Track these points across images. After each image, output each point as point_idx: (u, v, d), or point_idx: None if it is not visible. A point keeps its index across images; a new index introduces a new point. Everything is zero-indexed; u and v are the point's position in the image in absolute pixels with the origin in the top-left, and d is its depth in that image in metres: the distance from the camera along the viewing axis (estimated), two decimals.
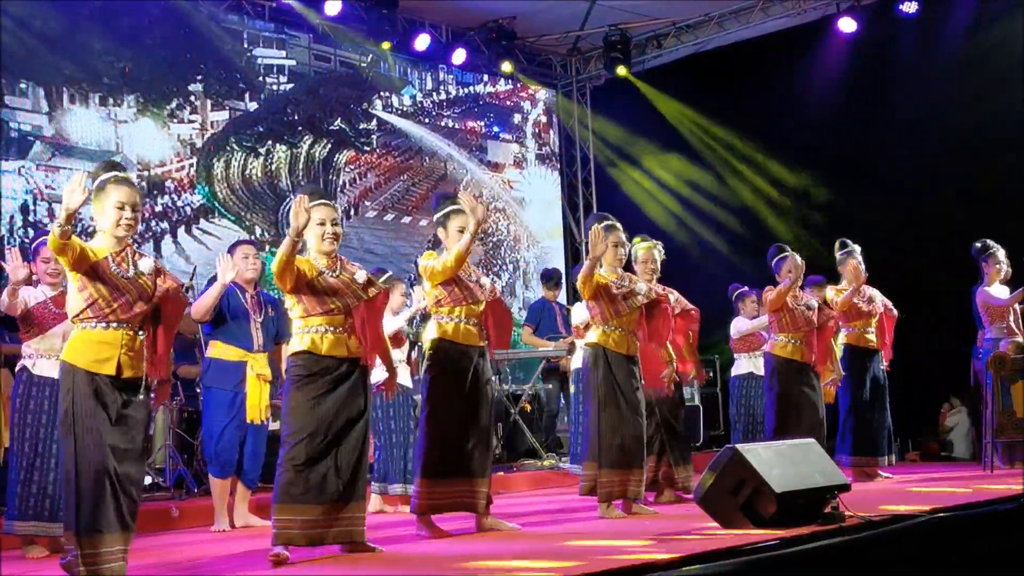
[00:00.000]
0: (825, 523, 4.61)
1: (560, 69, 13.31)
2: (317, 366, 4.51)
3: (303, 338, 4.55)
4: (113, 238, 4.06)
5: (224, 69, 10.32)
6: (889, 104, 10.71)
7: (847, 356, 7.59)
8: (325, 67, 11.27)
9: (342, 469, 4.48)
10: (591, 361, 5.68)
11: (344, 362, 4.56)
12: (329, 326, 4.54)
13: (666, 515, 5.73)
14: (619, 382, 5.58)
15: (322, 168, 11.08)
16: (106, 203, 4.04)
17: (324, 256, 4.64)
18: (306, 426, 4.45)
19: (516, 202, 12.98)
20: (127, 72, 9.56)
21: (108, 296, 3.96)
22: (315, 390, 4.49)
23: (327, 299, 4.54)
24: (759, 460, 4.75)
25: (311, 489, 4.42)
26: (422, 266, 5.26)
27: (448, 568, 4.18)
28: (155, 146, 9.71)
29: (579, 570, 3.69)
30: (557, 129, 13.54)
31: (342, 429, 4.50)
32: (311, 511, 4.41)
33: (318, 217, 4.59)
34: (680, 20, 12.06)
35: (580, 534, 5.08)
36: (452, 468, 5.12)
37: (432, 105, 12.26)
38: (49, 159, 8.92)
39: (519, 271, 12.79)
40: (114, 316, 3.97)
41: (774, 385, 7.11)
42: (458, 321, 5.21)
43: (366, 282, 4.65)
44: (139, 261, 4.10)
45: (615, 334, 5.64)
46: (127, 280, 4.00)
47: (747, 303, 8.64)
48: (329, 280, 4.57)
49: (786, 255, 7.11)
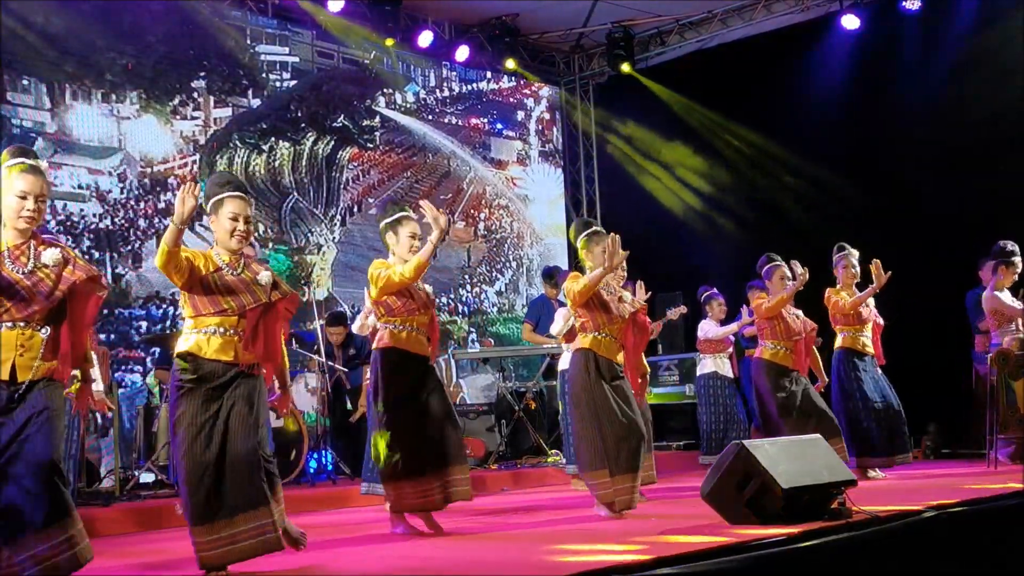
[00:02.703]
0: (832, 519, 4.60)
1: (563, 66, 13.30)
2: (200, 371, 4.07)
3: (188, 338, 4.14)
4: (14, 230, 3.76)
5: (227, 66, 10.32)
6: (892, 101, 10.69)
7: (841, 360, 7.57)
8: (328, 64, 11.26)
9: (233, 483, 4.03)
10: (578, 365, 5.58)
11: (230, 368, 4.11)
12: (219, 327, 4.12)
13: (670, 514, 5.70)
14: (611, 386, 5.55)
15: (325, 165, 11.07)
16: (7, 192, 3.76)
17: (228, 253, 4.22)
18: (192, 438, 4.03)
19: (519, 199, 12.97)
20: (130, 69, 9.55)
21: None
22: (199, 397, 4.06)
23: (220, 298, 4.12)
24: (765, 456, 4.74)
25: (210, 510, 4.01)
26: (374, 274, 5.12)
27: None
28: (158, 143, 9.70)
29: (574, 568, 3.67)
30: (560, 126, 13.54)
31: (230, 441, 4.05)
32: (219, 528, 4.01)
33: (231, 210, 4.19)
34: (683, 17, 12.05)
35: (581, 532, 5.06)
36: (417, 468, 5.11)
37: (435, 102, 12.25)
38: (52, 156, 8.90)
39: (522, 268, 12.78)
40: (8, 316, 3.65)
41: (769, 388, 7.11)
42: (411, 330, 5.20)
43: (270, 284, 4.22)
44: (43, 252, 3.76)
45: (606, 341, 5.61)
46: (22, 276, 3.68)
47: (714, 305, 8.77)
48: (227, 278, 4.15)
49: (777, 263, 7.20)
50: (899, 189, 10.29)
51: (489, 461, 9.11)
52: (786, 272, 7.18)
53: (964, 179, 9.84)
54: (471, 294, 12.17)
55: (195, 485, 4.00)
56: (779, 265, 7.20)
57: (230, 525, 3.99)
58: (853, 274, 7.57)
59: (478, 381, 11.70)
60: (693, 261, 11.52)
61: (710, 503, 4.95)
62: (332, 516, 6.69)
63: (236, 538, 3.99)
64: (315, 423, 8.45)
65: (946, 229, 9.64)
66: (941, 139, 10.10)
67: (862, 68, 10.98)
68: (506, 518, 5.98)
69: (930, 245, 9.72)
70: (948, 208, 9.81)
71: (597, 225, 5.91)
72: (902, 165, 10.38)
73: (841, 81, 11.09)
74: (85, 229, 9.08)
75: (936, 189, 10.01)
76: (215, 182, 4.31)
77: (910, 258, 9.04)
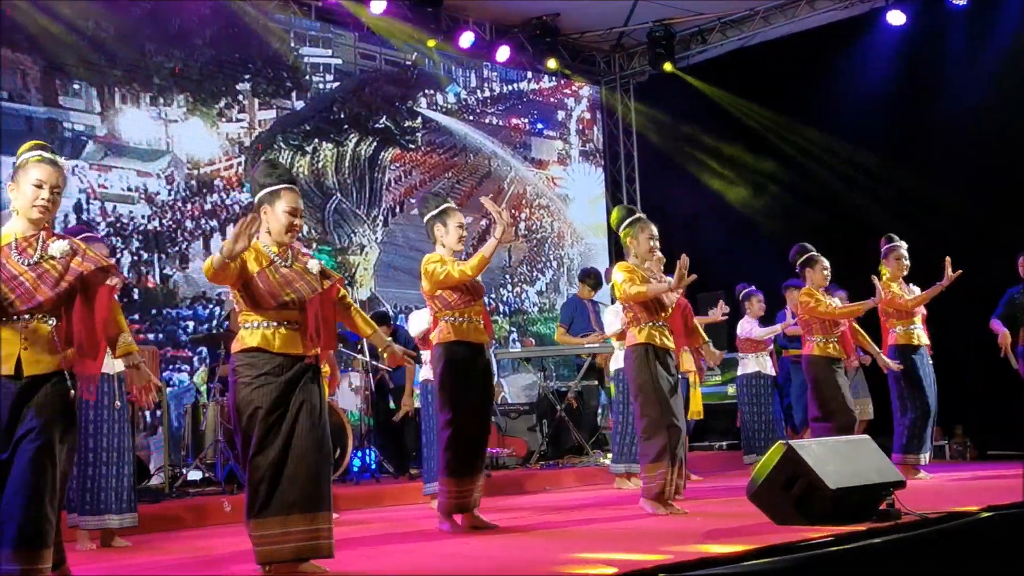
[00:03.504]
0: (880, 520, 4.57)
1: (604, 65, 13.28)
2: (269, 364, 4.02)
3: (253, 333, 4.06)
4: (26, 220, 3.69)
5: (271, 68, 10.42)
6: (939, 98, 10.57)
7: (897, 357, 7.50)
8: (370, 65, 11.34)
9: (302, 477, 3.98)
10: (640, 360, 5.57)
11: (297, 361, 4.09)
12: (284, 321, 4.07)
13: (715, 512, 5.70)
14: (670, 378, 5.57)
15: (367, 166, 11.15)
16: (24, 181, 3.69)
17: (277, 245, 4.17)
18: (264, 433, 3.98)
19: (560, 199, 12.98)
20: (177, 72, 9.68)
21: (2, 287, 3.56)
22: (262, 396, 3.99)
23: (280, 291, 4.07)
24: (813, 456, 4.71)
25: (272, 503, 3.96)
26: (428, 269, 5.14)
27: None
28: (204, 145, 9.82)
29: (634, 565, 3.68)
30: (601, 125, 13.53)
31: (298, 438, 4.00)
32: (278, 524, 3.96)
33: (288, 204, 4.15)
34: (725, 15, 12.00)
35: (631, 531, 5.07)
36: (474, 466, 5.16)
37: (476, 102, 12.30)
38: (102, 159, 9.06)
39: (563, 268, 12.79)
40: (12, 308, 3.55)
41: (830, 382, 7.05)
42: (469, 320, 5.23)
43: (320, 272, 4.23)
44: (51, 244, 3.68)
45: (660, 331, 5.61)
46: (26, 267, 3.60)
47: (754, 303, 8.70)
48: (282, 270, 4.12)
49: (813, 254, 7.10)
50: (944, 184, 10.17)
51: (531, 461, 9.12)
52: (826, 264, 7.10)
53: (1010, 175, 9.72)
54: (512, 294, 12.20)
55: (261, 479, 3.95)
56: (816, 257, 7.11)
57: (284, 523, 3.94)
58: (904, 265, 7.52)
59: (519, 381, 11.71)
60: (734, 259, 11.46)
61: (756, 503, 4.93)
62: (375, 514, 6.75)
63: (287, 538, 3.95)
64: (359, 422, 8.53)
65: (991, 225, 9.53)
66: (988, 134, 9.98)
67: (908, 64, 10.87)
68: (554, 516, 5.99)
69: (974, 240, 9.61)
70: (995, 205, 9.69)
71: (638, 211, 5.88)
72: (948, 160, 10.27)
73: (886, 77, 10.97)
74: (134, 231, 9.21)
75: (982, 184, 9.89)
76: (268, 172, 4.23)
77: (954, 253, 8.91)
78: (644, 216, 5.77)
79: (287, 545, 3.96)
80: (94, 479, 5.21)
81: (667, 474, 5.45)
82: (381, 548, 4.82)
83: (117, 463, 5.28)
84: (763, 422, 8.58)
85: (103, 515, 5.22)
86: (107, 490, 5.23)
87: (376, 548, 4.80)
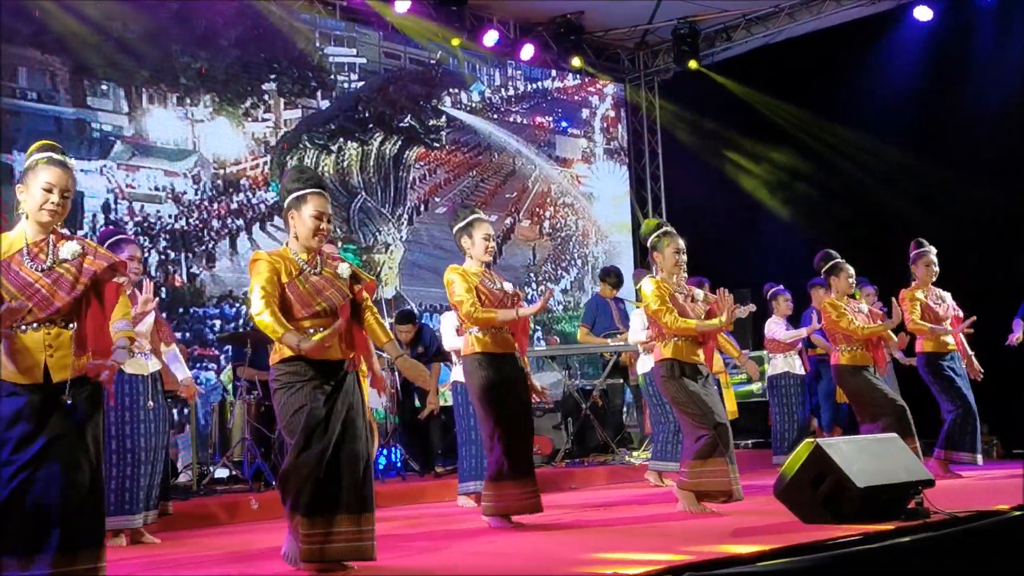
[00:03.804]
0: (909, 519, 4.54)
1: (628, 63, 13.26)
2: (310, 371, 4.00)
3: None
4: (36, 224, 3.63)
5: (297, 68, 10.48)
6: (966, 94, 10.50)
7: (927, 364, 7.43)
8: (395, 64, 11.38)
9: (346, 479, 3.98)
10: (667, 375, 5.55)
11: (336, 366, 4.07)
12: (317, 329, 4.03)
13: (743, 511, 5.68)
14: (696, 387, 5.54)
15: (392, 165, 11.18)
16: (33, 184, 3.62)
17: (306, 251, 4.14)
18: (308, 434, 3.97)
19: (584, 197, 12.97)
20: (203, 72, 9.75)
21: (19, 296, 3.49)
22: (307, 397, 3.98)
23: (312, 300, 4.04)
24: (840, 455, 4.69)
25: (319, 502, 3.94)
26: (448, 284, 5.19)
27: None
28: (230, 144, 9.88)
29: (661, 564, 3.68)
30: (625, 123, 13.50)
31: (346, 441, 4.00)
32: (324, 524, 3.94)
33: (315, 208, 4.11)
34: (750, 12, 11.95)
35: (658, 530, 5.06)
36: (515, 471, 5.17)
37: (500, 101, 12.31)
38: (129, 159, 9.14)
39: (587, 266, 12.78)
40: (32, 316, 3.50)
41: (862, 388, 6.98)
42: (495, 331, 5.24)
43: (351, 276, 4.19)
44: (61, 248, 3.62)
45: (686, 345, 5.58)
46: (41, 274, 3.54)
47: (781, 302, 8.64)
48: (311, 279, 4.08)
49: (838, 261, 7.01)
50: (971, 180, 10.09)
51: (556, 459, 9.13)
52: (851, 271, 7.03)
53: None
54: (536, 292, 12.20)
55: (305, 480, 3.92)
56: (841, 264, 7.04)
57: (328, 523, 3.92)
58: (933, 272, 7.41)
59: (544, 379, 11.68)
60: (760, 257, 11.41)
61: (784, 501, 4.91)
62: (399, 511, 6.77)
63: (334, 538, 3.93)
64: (384, 420, 8.55)
65: (1018, 221, 9.45)
66: (1015, 130, 9.90)
67: (935, 60, 10.79)
68: (581, 514, 6.00)
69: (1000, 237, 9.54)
70: (1021, 200, 9.60)
71: (667, 224, 5.87)
72: (974, 156, 10.19)
73: (913, 73, 10.91)
74: (161, 230, 9.29)
75: (1009, 181, 9.81)
76: (295, 178, 4.21)
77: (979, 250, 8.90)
78: (671, 229, 5.73)
79: (333, 546, 3.93)
80: (132, 479, 5.25)
81: (715, 472, 5.42)
82: (404, 545, 4.83)
83: (154, 462, 5.33)
84: (792, 422, 8.54)
85: (134, 515, 5.26)
86: (137, 490, 5.27)
87: (400, 545, 4.82)
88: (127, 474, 5.24)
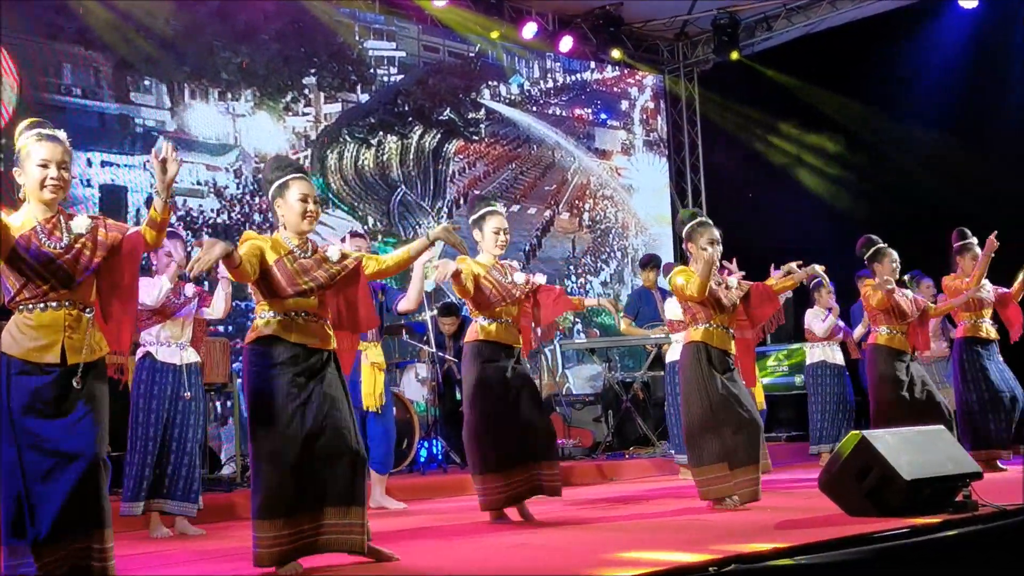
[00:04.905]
0: (957, 512, 4.48)
1: (667, 54, 13.19)
2: (285, 355, 3.88)
3: (269, 323, 3.92)
4: (40, 204, 3.51)
5: (336, 62, 10.53)
6: (1011, 83, 10.34)
7: (962, 349, 7.35)
8: (434, 58, 11.39)
9: (330, 472, 3.86)
10: (692, 359, 5.53)
11: (315, 353, 3.95)
12: (301, 311, 3.94)
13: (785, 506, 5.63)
14: (722, 378, 5.49)
15: (432, 158, 11.20)
16: (28, 163, 3.50)
17: (297, 236, 4.05)
18: (284, 426, 3.83)
19: (624, 189, 12.92)
20: (244, 67, 9.82)
21: (43, 273, 3.43)
22: (287, 383, 3.86)
23: (298, 279, 3.93)
24: (886, 447, 4.63)
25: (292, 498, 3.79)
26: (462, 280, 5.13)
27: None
28: (271, 139, 9.95)
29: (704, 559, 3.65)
30: (665, 115, 13.44)
31: (326, 432, 3.87)
32: (293, 524, 3.79)
33: (300, 191, 4.02)
34: (791, 2, 11.84)
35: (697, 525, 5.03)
36: (505, 462, 5.15)
37: (540, 93, 12.29)
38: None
39: (627, 258, 12.74)
40: (54, 295, 3.44)
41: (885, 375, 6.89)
42: (500, 322, 5.25)
43: (340, 257, 4.09)
44: (73, 224, 3.52)
45: (719, 332, 5.56)
46: (61, 250, 3.45)
47: (822, 293, 8.55)
48: (300, 260, 3.98)
49: (882, 247, 6.92)
50: (1017, 169, 9.93)
51: (597, 451, 9.11)
52: (895, 256, 6.94)
53: None
54: (576, 285, 12.18)
55: (281, 476, 3.79)
56: (884, 249, 6.94)
57: (314, 518, 3.82)
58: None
59: (584, 372, 11.71)
60: (803, 246, 11.28)
61: (828, 494, 4.86)
62: (441, 504, 6.78)
63: (322, 531, 3.84)
64: (425, 412, 8.58)
65: None
66: None
67: (979, 49, 10.64)
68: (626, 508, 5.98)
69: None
70: None
71: (703, 214, 5.83)
72: (1019, 146, 10.03)
73: (957, 62, 10.76)
74: (203, 224, 9.37)
75: None
76: (275, 167, 4.13)
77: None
78: (707, 220, 5.69)
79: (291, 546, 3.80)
80: (174, 467, 5.31)
81: (732, 475, 5.37)
82: (421, 542, 4.76)
83: (177, 452, 5.36)
84: (828, 412, 8.47)
85: (164, 500, 5.32)
86: (175, 479, 5.32)
87: (418, 541, 4.77)
88: (161, 463, 5.28)
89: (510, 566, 3.94)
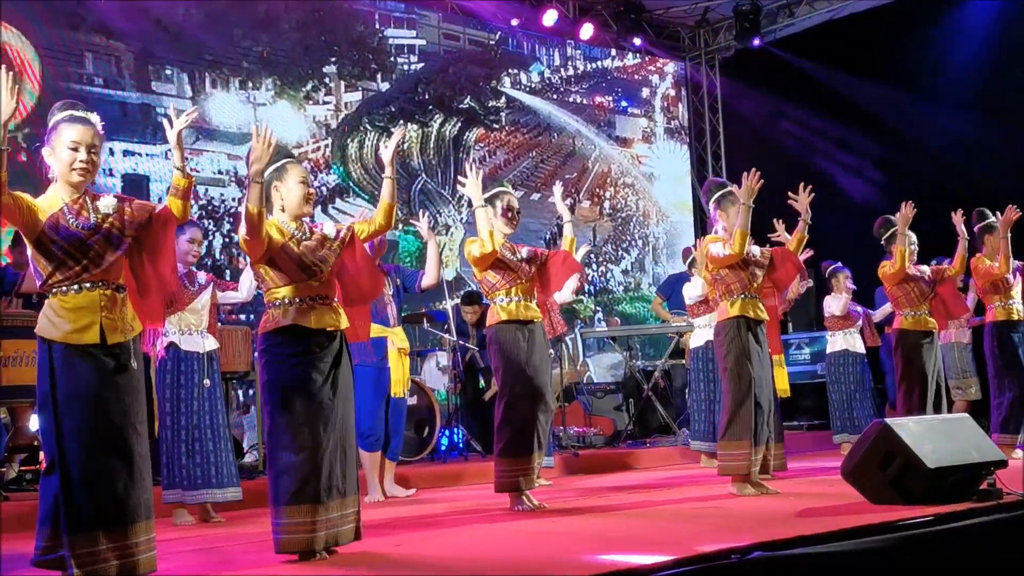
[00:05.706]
0: (981, 500, 4.44)
1: (688, 41, 13.12)
2: (304, 343, 3.89)
3: (287, 311, 3.91)
4: (68, 185, 3.52)
5: (357, 51, 10.53)
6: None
7: (993, 334, 7.27)
8: (454, 46, 11.37)
9: (341, 460, 3.91)
10: (732, 333, 5.48)
11: (330, 336, 3.97)
12: (314, 296, 3.95)
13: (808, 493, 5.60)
14: (761, 352, 5.49)
15: (452, 146, 11.19)
16: (58, 145, 3.52)
17: (293, 220, 4.06)
18: (304, 415, 3.85)
19: (645, 177, 12.87)
20: (264, 56, 9.84)
21: (75, 253, 3.43)
22: (308, 371, 3.88)
23: (307, 261, 3.95)
24: (910, 434, 4.60)
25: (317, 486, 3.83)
26: (471, 252, 5.20)
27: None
28: (292, 128, 9.97)
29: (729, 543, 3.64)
30: (686, 102, 13.37)
31: (339, 421, 3.92)
32: (319, 511, 3.82)
33: (298, 176, 4.09)
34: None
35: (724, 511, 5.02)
36: (530, 445, 5.14)
37: (560, 81, 12.25)
38: (193, 143, 9.25)
39: (648, 246, 12.70)
40: (87, 275, 3.44)
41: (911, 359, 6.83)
42: (518, 300, 5.25)
43: (336, 232, 4.10)
44: (99, 204, 3.54)
45: (752, 302, 5.53)
46: (90, 231, 3.46)
47: (840, 279, 8.50)
48: (304, 242, 3.99)
49: (895, 228, 6.86)
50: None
51: (618, 440, 9.10)
52: (912, 237, 6.86)
53: None
54: (597, 273, 12.16)
55: (304, 464, 3.81)
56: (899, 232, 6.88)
57: (327, 509, 3.83)
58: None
59: (605, 360, 11.67)
60: (828, 234, 11.21)
61: (851, 482, 4.83)
62: (460, 492, 6.79)
63: (331, 523, 3.85)
64: (446, 401, 8.59)
65: None
66: None
67: (1005, 32, 10.52)
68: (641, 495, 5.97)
69: None
70: None
71: (732, 184, 5.80)
72: None
73: (983, 46, 10.64)
74: (225, 213, 9.41)
75: None
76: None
77: None
78: (736, 190, 5.67)
79: (318, 533, 3.82)
80: (201, 454, 5.33)
81: (751, 454, 5.37)
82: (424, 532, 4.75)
83: (213, 439, 5.39)
84: (848, 400, 8.42)
85: (199, 490, 5.34)
86: (204, 466, 5.34)
87: (423, 530, 4.76)
88: (186, 451, 5.31)
89: (527, 554, 3.94)
